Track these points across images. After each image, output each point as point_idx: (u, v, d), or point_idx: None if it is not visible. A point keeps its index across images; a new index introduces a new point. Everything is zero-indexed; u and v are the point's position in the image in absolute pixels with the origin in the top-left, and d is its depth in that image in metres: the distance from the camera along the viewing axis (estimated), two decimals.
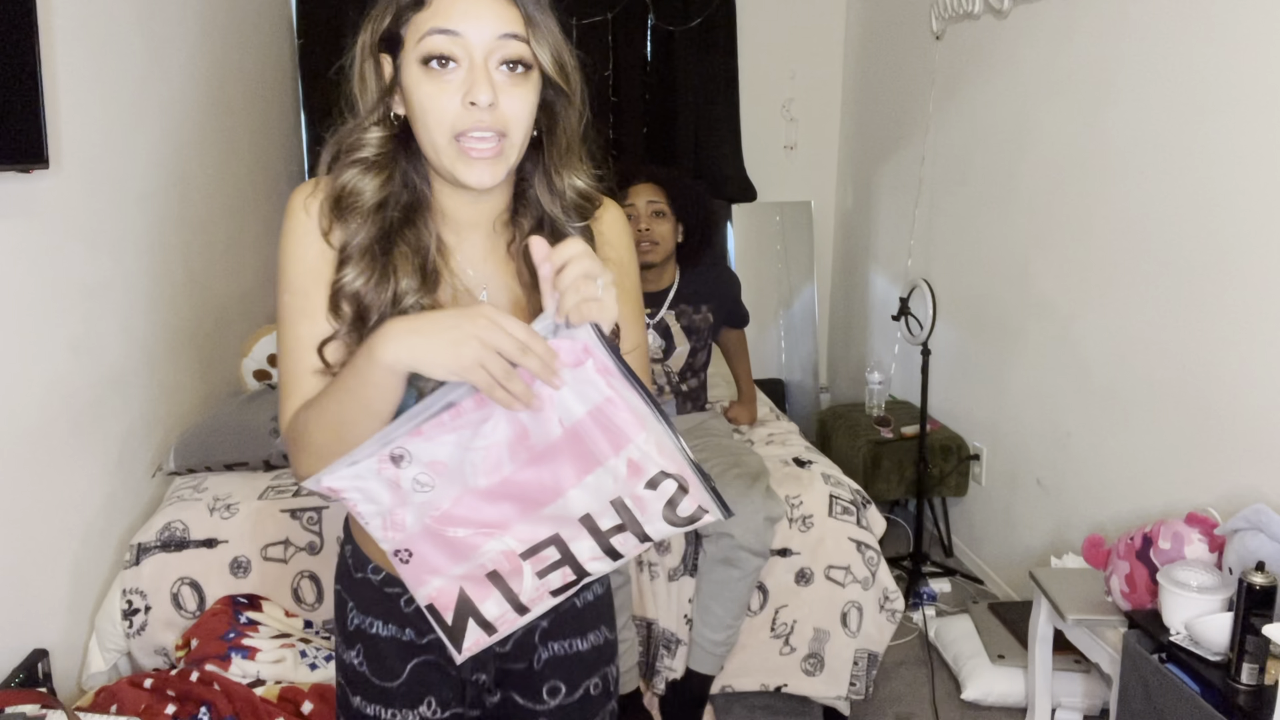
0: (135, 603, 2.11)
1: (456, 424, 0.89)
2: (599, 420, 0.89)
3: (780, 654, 2.29)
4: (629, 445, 0.90)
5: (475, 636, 0.97)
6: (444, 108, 0.93)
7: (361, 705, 1.10)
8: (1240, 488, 1.97)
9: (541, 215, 1.05)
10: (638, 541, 0.95)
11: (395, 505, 0.91)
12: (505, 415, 0.89)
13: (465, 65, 0.93)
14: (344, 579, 1.13)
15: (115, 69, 2.24)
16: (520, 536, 0.94)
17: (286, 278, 1.00)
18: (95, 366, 2.11)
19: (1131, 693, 1.76)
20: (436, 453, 0.89)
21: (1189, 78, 2.11)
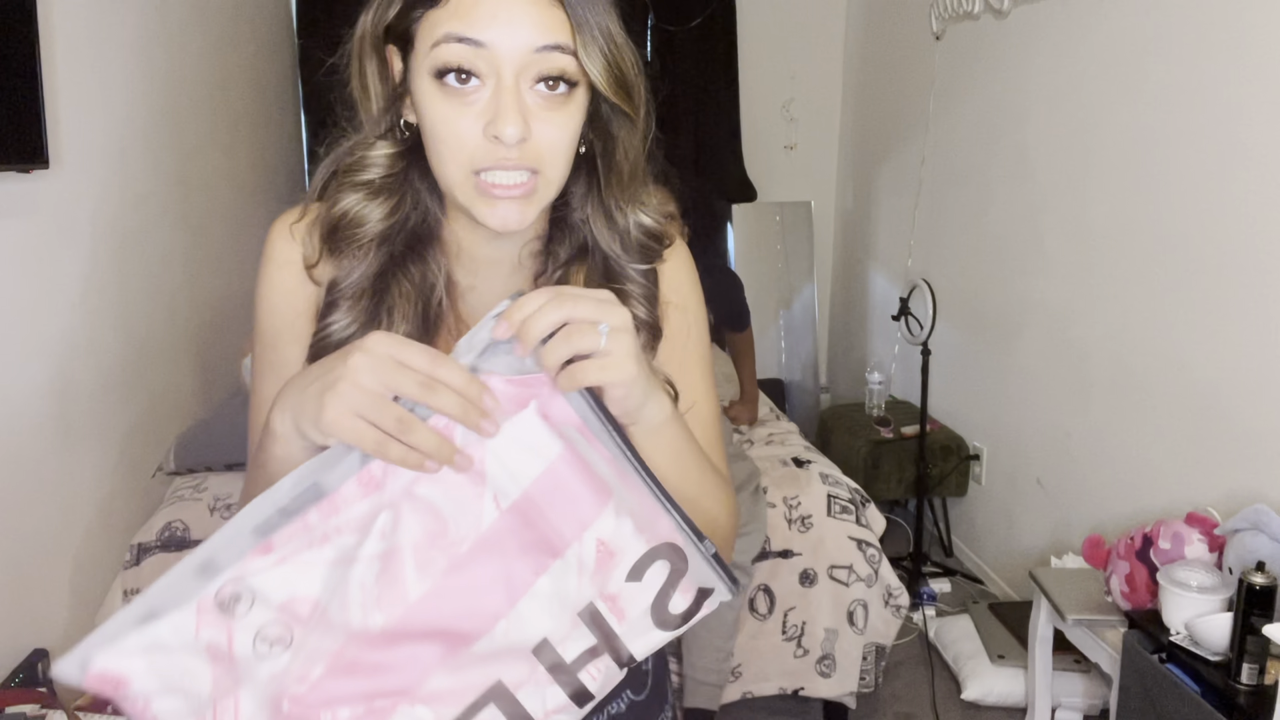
0: None
1: (330, 527, 0.58)
2: (551, 489, 0.63)
3: (795, 657, 2.28)
4: (596, 521, 0.64)
5: None
6: (462, 136, 0.72)
7: None
8: (1240, 488, 1.97)
9: (585, 243, 0.84)
10: (616, 669, 0.65)
11: (223, 689, 0.56)
12: (408, 503, 0.60)
13: (491, 84, 0.72)
14: None
15: (115, 69, 2.24)
16: (441, 698, 0.61)
17: (258, 326, 0.83)
18: (95, 366, 2.11)
19: (1131, 693, 1.76)
20: (298, 583, 0.58)
21: (1189, 77, 2.11)
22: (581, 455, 0.64)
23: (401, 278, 0.80)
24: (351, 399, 0.60)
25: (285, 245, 0.82)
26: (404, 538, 0.60)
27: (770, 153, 4.30)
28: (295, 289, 0.81)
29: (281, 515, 0.58)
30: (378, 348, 0.61)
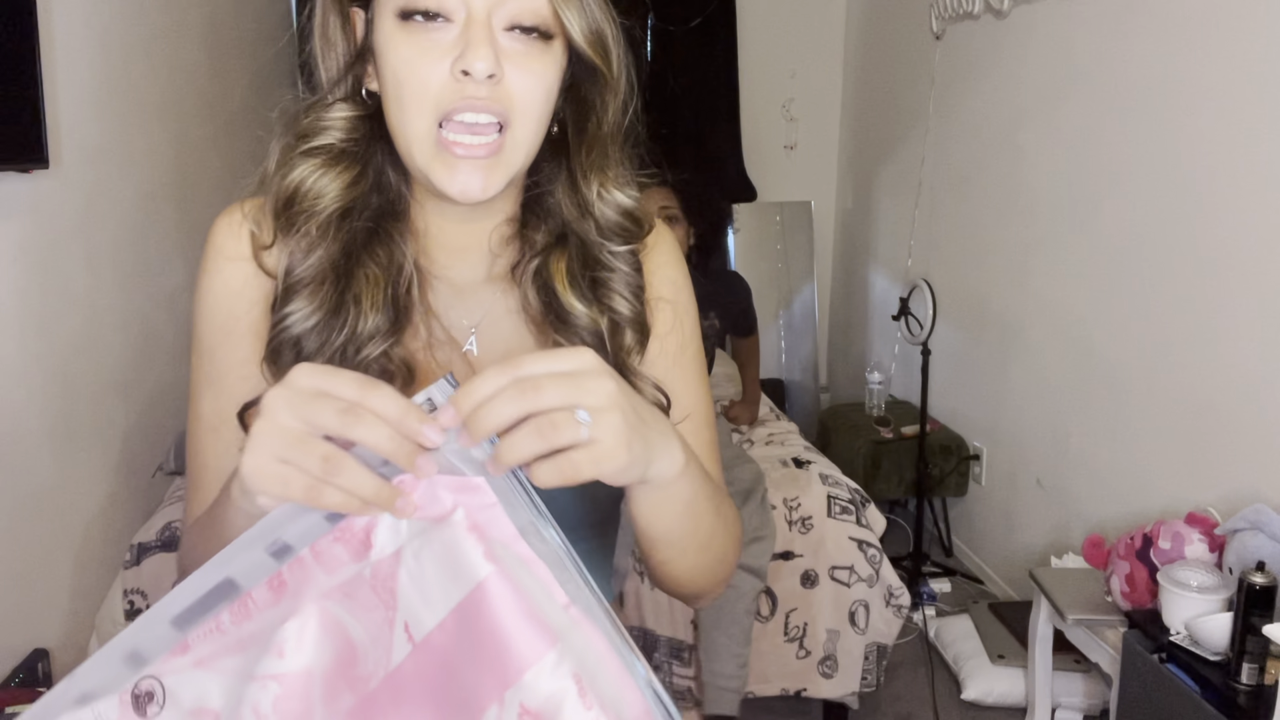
0: (137, 603, 2.11)
1: (244, 633, 0.50)
2: (470, 626, 0.49)
3: (797, 658, 2.28)
4: (525, 677, 0.48)
5: None
6: (426, 78, 0.66)
7: None
8: (1240, 487, 1.97)
9: (564, 228, 0.77)
10: None
11: None
12: (318, 618, 0.49)
13: (460, 22, 0.66)
14: None
15: (115, 69, 2.24)
16: None
17: (195, 333, 0.73)
18: (95, 366, 2.11)
19: (1131, 693, 1.76)
20: (208, 692, 0.50)
21: (1188, 77, 2.11)
22: (519, 586, 0.48)
23: (367, 260, 0.70)
24: (271, 441, 0.49)
25: (228, 237, 0.74)
26: (310, 660, 0.49)
27: (770, 153, 4.30)
28: (240, 285, 0.72)
29: (198, 609, 0.50)
30: (299, 380, 0.50)
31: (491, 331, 0.76)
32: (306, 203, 0.71)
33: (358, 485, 0.49)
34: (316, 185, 0.71)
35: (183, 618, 0.49)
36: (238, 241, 0.74)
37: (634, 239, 0.79)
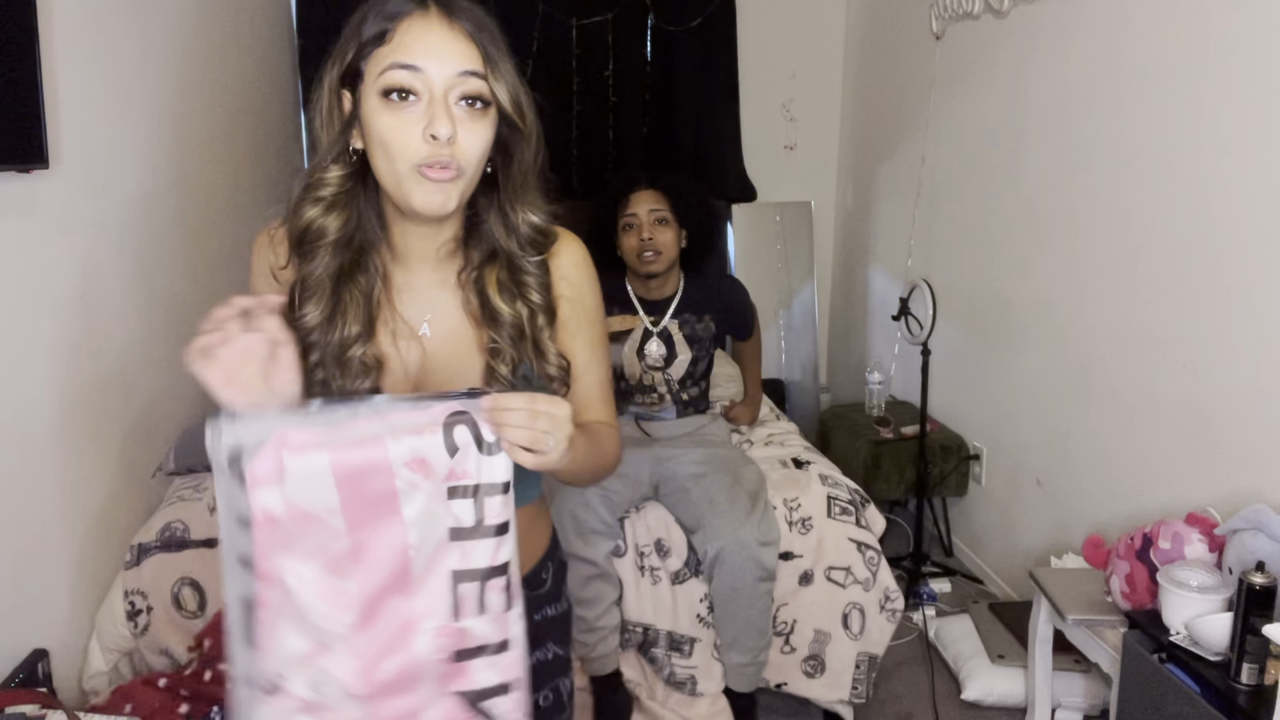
0: (137, 604, 2.11)
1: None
2: (351, 467, 0.84)
3: (781, 652, 2.29)
4: (396, 457, 0.84)
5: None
6: (405, 140, 0.95)
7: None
8: (1240, 488, 1.97)
9: (494, 248, 1.07)
10: (501, 503, 0.88)
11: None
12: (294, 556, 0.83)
13: (425, 99, 0.95)
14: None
15: (115, 69, 2.24)
16: (428, 611, 0.87)
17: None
18: (95, 366, 2.11)
19: (1131, 693, 1.76)
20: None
21: (1189, 77, 2.11)
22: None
23: (352, 286, 1.02)
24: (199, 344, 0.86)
25: (263, 255, 1.04)
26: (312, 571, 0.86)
27: (770, 153, 4.30)
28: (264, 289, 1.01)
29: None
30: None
31: (441, 322, 1.07)
32: (314, 236, 1.01)
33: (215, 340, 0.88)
34: (321, 224, 1.01)
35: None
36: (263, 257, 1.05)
37: (543, 249, 1.09)
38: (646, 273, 2.42)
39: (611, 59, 4.06)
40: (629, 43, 4.06)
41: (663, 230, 2.41)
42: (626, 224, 2.43)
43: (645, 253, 2.39)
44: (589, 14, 3.99)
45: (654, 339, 2.47)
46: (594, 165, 4.11)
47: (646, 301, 2.49)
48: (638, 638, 2.25)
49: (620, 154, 4.13)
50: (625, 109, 4.10)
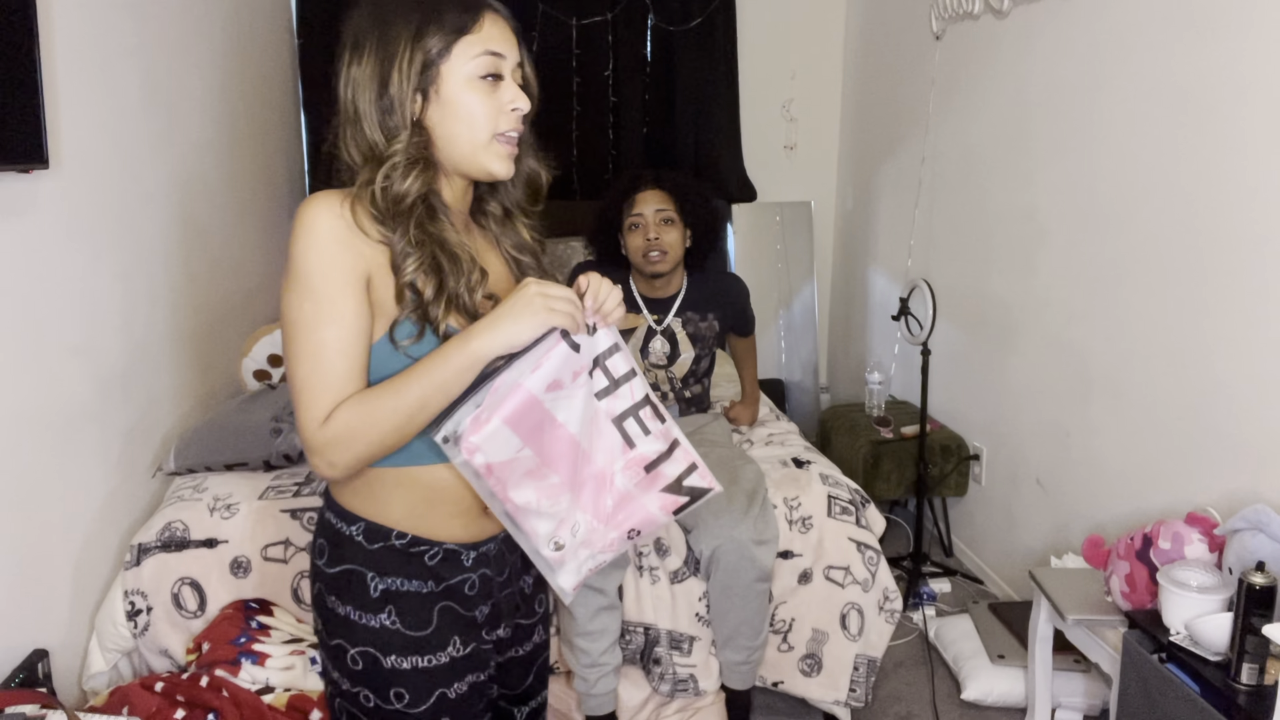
0: (137, 604, 2.11)
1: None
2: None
3: (779, 650, 2.30)
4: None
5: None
6: (492, 113, 1.16)
7: (397, 662, 1.19)
8: (1240, 488, 1.97)
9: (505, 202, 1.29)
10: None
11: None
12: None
13: (506, 80, 1.17)
14: (352, 556, 1.19)
15: (115, 69, 2.24)
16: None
17: (308, 284, 1.08)
18: (95, 367, 2.12)
19: (1131, 693, 1.76)
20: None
21: (1189, 77, 2.11)
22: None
23: (441, 236, 1.16)
24: (551, 305, 1.10)
25: (334, 218, 1.10)
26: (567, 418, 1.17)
27: (770, 153, 4.30)
28: (350, 253, 1.09)
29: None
30: (541, 288, 1.11)
31: (483, 256, 1.25)
32: (403, 197, 1.14)
33: (580, 316, 1.13)
34: (407, 186, 1.14)
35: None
36: (341, 219, 1.10)
37: (539, 190, 1.30)
38: (652, 272, 2.43)
39: (611, 59, 4.06)
40: (629, 43, 4.06)
41: (668, 230, 2.42)
42: (632, 224, 2.43)
43: (651, 252, 2.40)
44: (589, 14, 3.99)
45: (658, 337, 2.47)
46: (594, 165, 4.11)
47: (650, 300, 2.49)
48: (639, 638, 2.25)
49: (620, 154, 4.13)
50: (625, 109, 4.10)
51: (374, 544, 1.18)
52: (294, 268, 1.09)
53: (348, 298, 1.09)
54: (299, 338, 1.09)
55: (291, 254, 1.10)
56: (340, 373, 1.09)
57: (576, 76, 4.02)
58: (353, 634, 1.19)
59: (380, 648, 1.18)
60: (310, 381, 1.09)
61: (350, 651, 1.19)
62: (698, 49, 4.09)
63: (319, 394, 1.08)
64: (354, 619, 1.18)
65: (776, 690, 2.35)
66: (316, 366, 1.08)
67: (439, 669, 1.20)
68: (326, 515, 1.22)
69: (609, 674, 2.18)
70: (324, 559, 1.21)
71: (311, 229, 1.08)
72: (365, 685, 1.19)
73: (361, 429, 1.08)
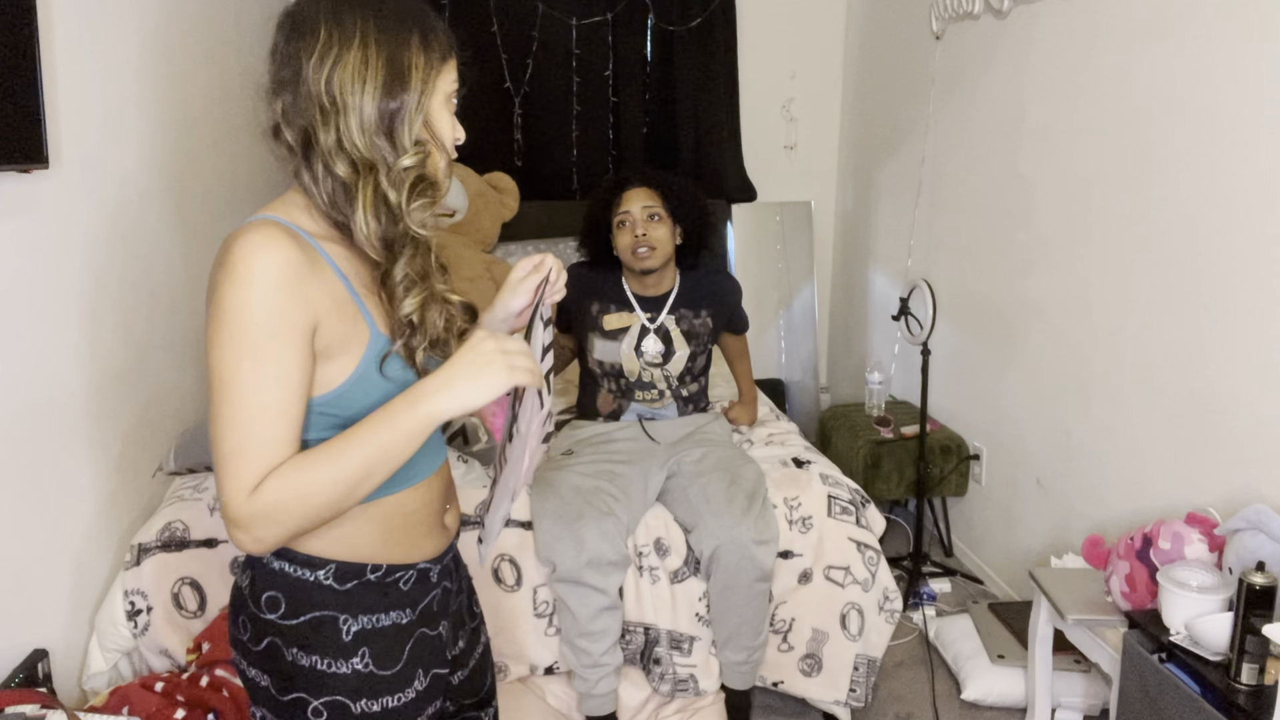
0: (138, 603, 2.11)
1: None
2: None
3: (779, 650, 2.30)
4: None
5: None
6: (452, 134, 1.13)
7: (367, 706, 1.11)
8: (1240, 488, 1.97)
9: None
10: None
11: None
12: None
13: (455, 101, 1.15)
14: (321, 602, 1.11)
15: (115, 68, 2.24)
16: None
17: (250, 341, 0.96)
18: (95, 366, 2.11)
19: (1131, 693, 1.76)
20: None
21: (1188, 77, 2.11)
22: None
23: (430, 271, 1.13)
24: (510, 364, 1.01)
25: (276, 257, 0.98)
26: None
27: (770, 153, 4.30)
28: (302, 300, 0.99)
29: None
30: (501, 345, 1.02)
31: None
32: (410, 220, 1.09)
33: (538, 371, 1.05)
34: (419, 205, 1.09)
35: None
36: (289, 265, 0.98)
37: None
38: (642, 269, 2.42)
39: (611, 59, 4.06)
40: (629, 42, 4.06)
41: (656, 226, 2.42)
42: (620, 222, 2.44)
43: (639, 249, 2.39)
44: (589, 14, 3.99)
45: (651, 335, 2.47)
46: (594, 166, 4.11)
47: (643, 298, 2.49)
48: (639, 638, 2.25)
49: (620, 154, 4.13)
50: (625, 109, 4.10)
51: (346, 584, 1.10)
52: (229, 319, 0.96)
53: (294, 355, 0.98)
54: (232, 398, 0.96)
55: (225, 302, 0.96)
56: (277, 438, 0.97)
57: (576, 76, 4.02)
58: (320, 685, 1.10)
59: (350, 694, 1.11)
60: (241, 449, 0.96)
61: (313, 704, 1.10)
62: (698, 49, 4.09)
63: (250, 461, 0.96)
64: (321, 668, 1.10)
65: (776, 690, 2.35)
66: (251, 431, 0.96)
67: (405, 706, 1.14)
68: (275, 565, 1.10)
69: (609, 674, 2.18)
70: (280, 612, 1.10)
71: (254, 277, 0.96)
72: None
73: (294, 503, 0.97)
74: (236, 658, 1.15)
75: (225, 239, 1.00)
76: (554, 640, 2.23)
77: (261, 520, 0.96)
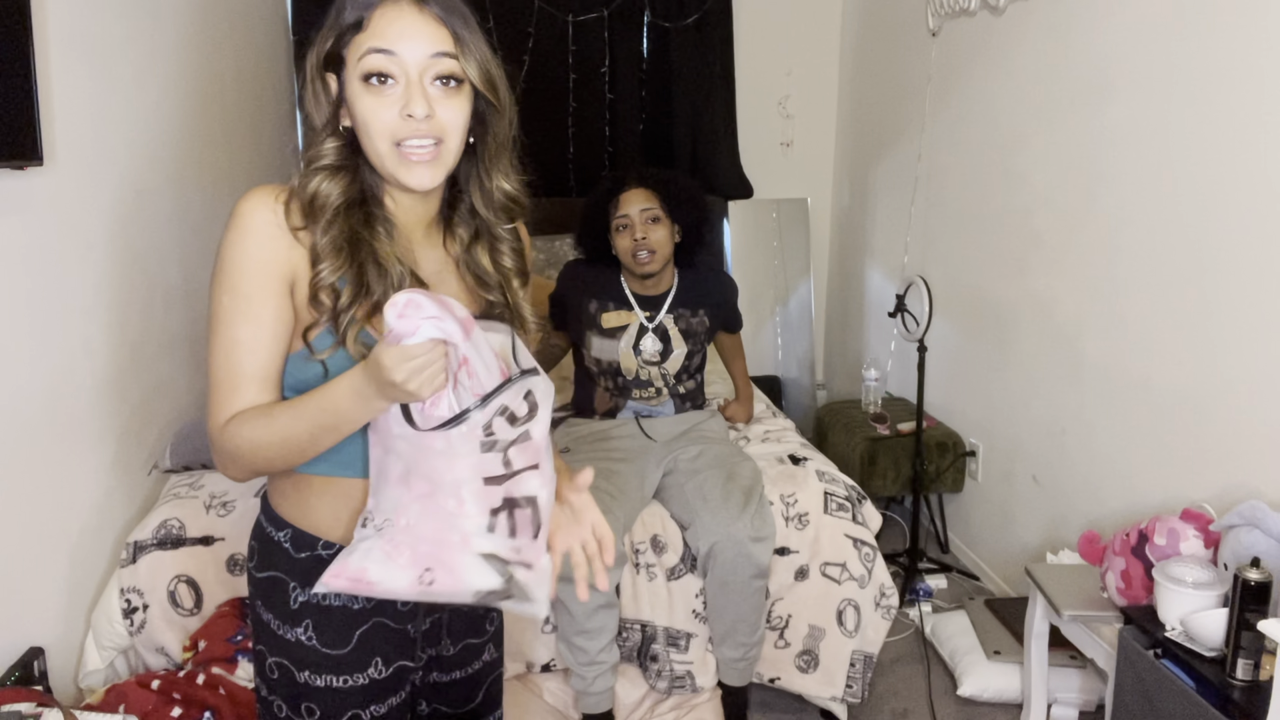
0: (134, 601, 2.11)
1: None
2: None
3: (775, 646, 2.30)
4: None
5: None
6: (384, 120, 1.04)
7: (310, 678, 1.14)
8: (1235, 484, 1.98)
9: (478, 226, 1.19)
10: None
11: None
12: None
13: (402, 82, 1.04)
14: (278, 563, 1.14)
15: (110, 66, 2.23)
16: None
17: (230, 280, 1.05)
18: (90, 364, 2.11)
19: (1127, 688, 1.76)
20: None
21: (1185, 74, 2.12)
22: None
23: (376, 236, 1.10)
24: (429, 373, 0.95)
25: (265, 211, 1.05)
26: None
27: (766, 149, 4.30)
28: (273, 251, 1.05)
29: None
30: (400, 355, 0.94)
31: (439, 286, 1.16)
32: (321, 200, 1.07)
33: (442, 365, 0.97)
34: (324, 189, 1.08)
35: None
36: (273, 215, 1.05)
37: (515, 216, 1.21)
38: (643, 273, 2.43)
39: (608, 55, 4.05)
40: (625, 39, 4.06)
41: (655, 228, 2.41)
42: (619, 225, 2.43)
43: (639, 253, 2.39)
44: (585, 10, 3.98)
45: (649, 334, 2.47)
46: (590, 162, 4.10)
47: (641, 297, 2.49)
48: (636, 635, 2.25)
49: (616, 151, 4.12)
50: (621, 106, 4.09)
51: (300, 552, 1.13)
52: (219, 260, 1.06)
53: (267, 297, 1.05)
54: (216, 332, 1.06)
55: (220, 245, 1.06)
56: (248, 373, 1.05)
57: (572, 73, 4.02)
58: (272, 642, 1.15)
59: (295, 662, 1.14)
60: (219, 379, 1.06)
61: (268, 660, 1.15)
62: (694, 45, 4.08)
63: (225, 393, 1.05)
64: (273, 628, 1.14)
65: (773, 686, 2.35)
66: (226, 363, 1.05)
67: (354, 690, 1.15)
68: (259, 517, 1.18)
69: (606, 672, 2.18)
70: (254, 562, 1.17)
71: (240, 223, 1.05)
72: (278, 695, 1.16)
73: (248, 449, 1.04)
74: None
75: None
76: (551, 637, 2.23)
77: (224, 454, 1.06)
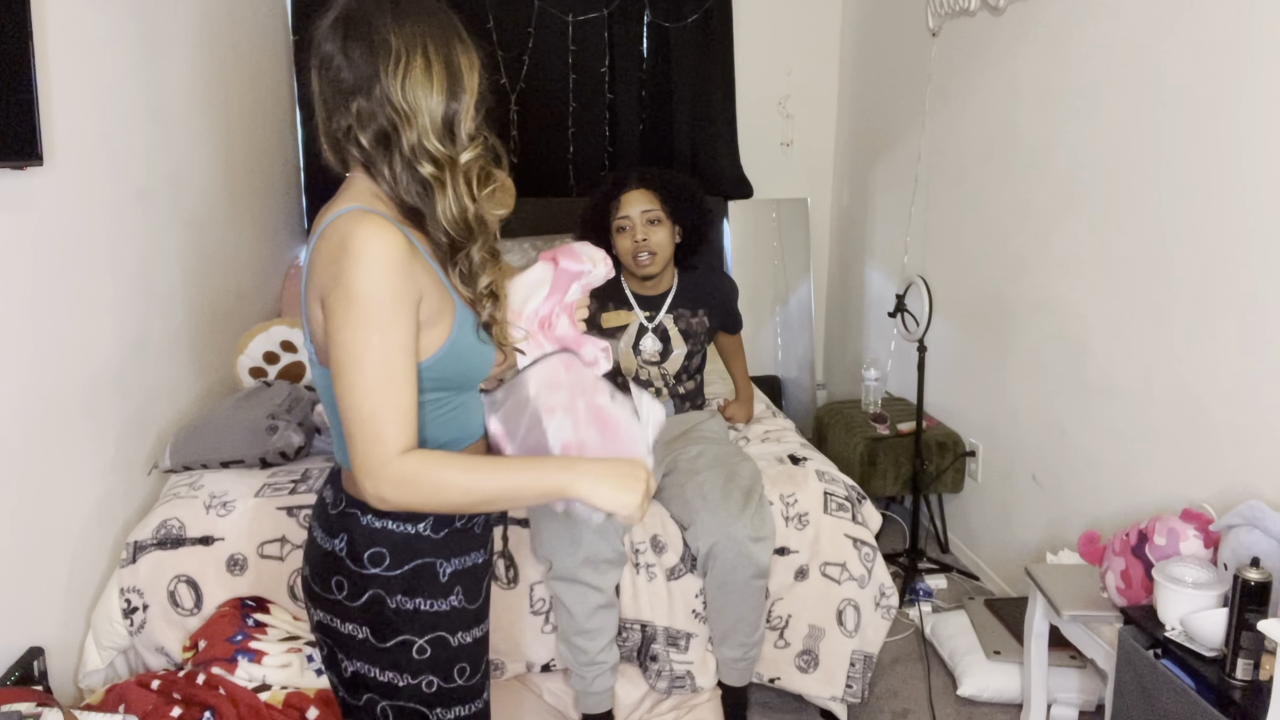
0: (134, 601, 2.11)
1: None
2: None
3: (775, 646, 2.30)
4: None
5: None
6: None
7: (462, 638, 1.29)
8: (1235, 484, 1.98)
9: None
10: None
11: None
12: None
13: None
14: (421, 550, 1.25)
15: (110, 65, 2.23)
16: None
17: (379, 317, 1.10)
18: (90, 364, 2.11)
19: (1127, 688, 1.76)
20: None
21: (1185, 74, 2.12)
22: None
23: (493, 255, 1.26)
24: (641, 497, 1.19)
25: (392, 242, 1.11)
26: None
27: (767, 149, 4.30)
28: (413, 280, 1.13)
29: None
30: (647, 481, 1.20)
31: None
32: (477, 212, 1.22)
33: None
34: (479, 198, 1.23)
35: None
36: (400, 247, 1.11)
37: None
38: (644, 275, 2.43)
39: (608, 55, 4.05)
40: (625, 39, 4.06)
41: (656, 230, 2.41)
42: (620, 226, 2.43)
43: (640, 255, 2.39)
44: (585, 10, 3.98)
45: (649, 334, 2.47)
46: (590, 163, 4.10)
47: (641, 297, 2.49)
48: (635, 635, 2.25)
49: (616, 151, 4.12)
50: (621, 105, 4.09)
51: (441, 532, 1.26)
52: (358, 298, 1.09)
53: (410, 327, 1.13)
54: (368, 370, 1.09)
55: (353, 285, 1.09)
56: (406, 402, 1.12)
57: (572, 73, 4.01)
58: (423, 624, 1.25)
59: (449, 628, 1.27)
60: (381, 413, 1.10)
61: (418, 642, 1.25)
62: (694, 45, 4.08)
63: (389, 423, 1.11)
64: (424, 609, 1.25)
65: (773, 686, 2.35)
66: (389, 398, 1.10)
67: (485, 638, 1.34)
68: (377, 525, 1.23)
69: (606, 672, 2.18)
70: (385, 565, 1.23)
71: (377, 259, 1.09)
72: (431, 671, 1.26)
73: (429, 488, 1.12)
74: (325, 618, 1.26)
75: (331, 228, 1.13)
76: (551, 638, 2.23)
77: (397, 484, 1.10)
